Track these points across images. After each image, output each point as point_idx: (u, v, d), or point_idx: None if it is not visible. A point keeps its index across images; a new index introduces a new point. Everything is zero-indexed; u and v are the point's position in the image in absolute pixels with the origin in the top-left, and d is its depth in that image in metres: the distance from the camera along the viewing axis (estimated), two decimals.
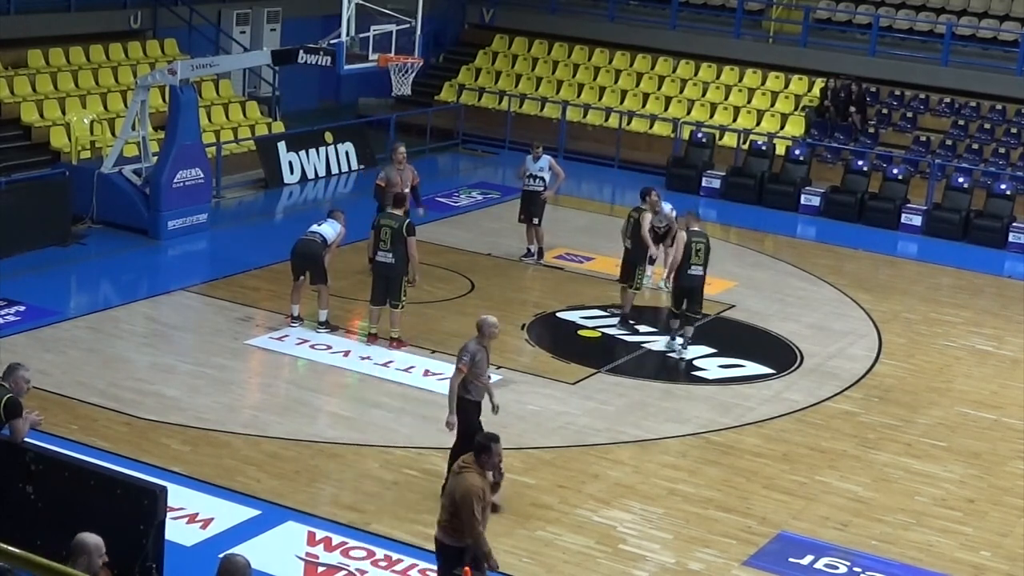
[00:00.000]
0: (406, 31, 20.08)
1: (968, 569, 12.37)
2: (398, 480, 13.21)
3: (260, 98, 27.46)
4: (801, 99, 28.55)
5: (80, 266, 19.36)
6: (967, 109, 27.68)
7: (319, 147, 25.41)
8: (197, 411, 14.47)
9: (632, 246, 18.29)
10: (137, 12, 26.00)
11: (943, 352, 18.20)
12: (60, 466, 10.78)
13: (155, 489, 10.47)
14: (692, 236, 17.09)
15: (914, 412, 15.98)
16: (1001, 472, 14.51)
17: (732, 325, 18.68)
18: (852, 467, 14.31)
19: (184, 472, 12.95)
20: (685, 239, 17.08)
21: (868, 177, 25.34)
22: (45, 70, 24.20)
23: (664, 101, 29.20)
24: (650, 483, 13.56)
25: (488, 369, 12.84)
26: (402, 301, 16.48)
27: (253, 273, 19.24)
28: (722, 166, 26.39)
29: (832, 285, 20.76)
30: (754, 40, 30.02)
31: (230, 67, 25.46)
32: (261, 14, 28.63)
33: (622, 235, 18.61)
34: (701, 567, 12.01)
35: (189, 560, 11.22)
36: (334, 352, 16.47)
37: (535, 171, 20.43)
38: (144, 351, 16.20)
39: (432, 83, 30.10)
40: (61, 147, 22.60)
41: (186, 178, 20.66)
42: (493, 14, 31.83)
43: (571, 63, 30.61)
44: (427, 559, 11.68)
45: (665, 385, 16.37)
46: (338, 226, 17.02)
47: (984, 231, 23.96)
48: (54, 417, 13.88)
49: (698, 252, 17.04)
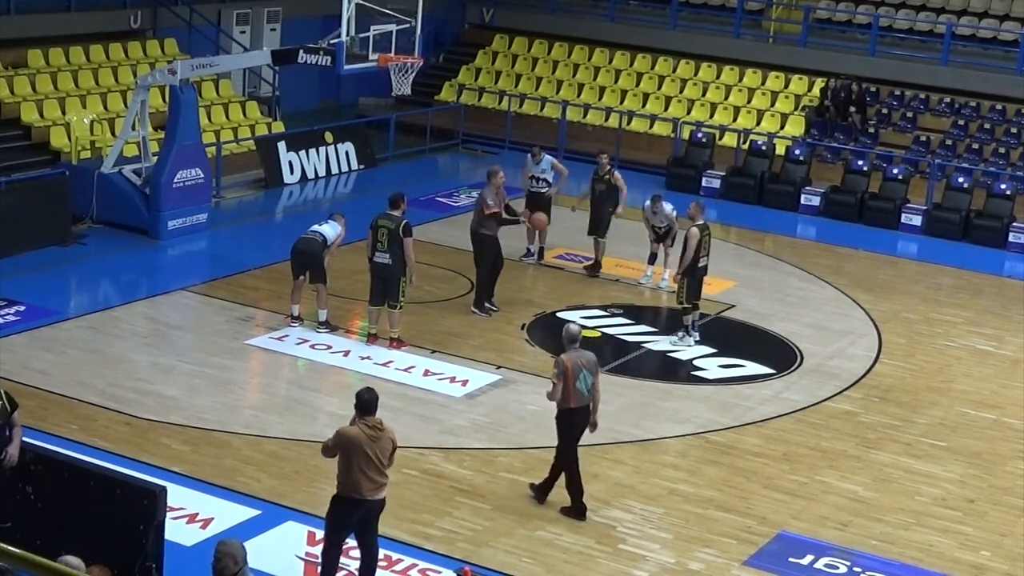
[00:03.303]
0: (406, 31, 20.08)
1: (968, 569, 12.37)
2: (398, 480, 13.18)
3: (260, 98, 27.46)
4: (801, 99, 28.55)
5: (80, 266, 19.35)
6: (967, 109, 27.68)
7: (319, 147, 25.41)
8: (197, 411, 14.47)
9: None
10: (137, 12, 26.00)
11: (943, 352, 18.20)
12: (60, 466, 10.79)
13: (155, 489, 10.48)
14: (703, 230, 17.35)
15: (914, 412, 15.98)
16: (1001, 472, 14.51)
17: (732, 325, 18.68)
18: (852, 467, 14.30)
19: (184, 472, 12.95)
20: (698, 235, 17.17)
21: (868, 177, 25.34)
22: (45, 70, 24.19)
23: (664, 101, 29.20)
24: (650, 483, 13.56)
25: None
26: (401, 302, 16.48)
27: (253, 273, 19.24)
28: (722, 166, 26.39)
29: (832, 285, 20.76)
30: (754, 40, 30.02)
31: (230, 67, 25.45)
32: (261, 14, 28.63)
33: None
34: (701, 567, 12.01)
35: (189, 560, 11.21)
36: (334, 352, 16.48)
37: (537, 173, 20.40)
38: (144, 351, 16.19)
39: (432, 83, 30.10)
40: (61, 147, 22.59)
41: (186, 178, 20.65)
42: (493, 14, 31.83)
43: (571, 63, 30.61)
44: (427, 559, 11.70)
45: (665, 385, 16.37)
46: (338, 227, 17.04)
47: (984, 231, 23.96)
48: (54, 417, 13.90)
49: (705, 244, 17.42)
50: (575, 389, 12.28)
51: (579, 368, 12.29)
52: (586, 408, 12.44)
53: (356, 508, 10.51)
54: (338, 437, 10.45)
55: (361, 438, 10.36)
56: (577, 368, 12.28)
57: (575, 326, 12.78)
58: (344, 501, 10.52)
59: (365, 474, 10.36)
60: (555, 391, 12.30)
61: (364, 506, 10.50)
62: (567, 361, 12.28)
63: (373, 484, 10.43)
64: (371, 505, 10.53)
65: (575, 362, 12.30)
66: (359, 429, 10.42)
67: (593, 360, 12.47)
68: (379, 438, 10.43)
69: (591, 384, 12.38)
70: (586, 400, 12.40)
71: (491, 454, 13.92)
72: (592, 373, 12.37)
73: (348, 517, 10.60)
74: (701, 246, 17.23)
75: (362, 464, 10.34)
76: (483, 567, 11.60)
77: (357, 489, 10.41)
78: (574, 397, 12.32)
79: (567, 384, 12.23)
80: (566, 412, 12.41)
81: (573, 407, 12.37)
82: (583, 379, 12.31)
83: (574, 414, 12.40)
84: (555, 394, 12.31)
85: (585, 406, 12.42)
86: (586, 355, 12.47)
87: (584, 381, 12.32)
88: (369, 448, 10.34)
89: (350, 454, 10.36)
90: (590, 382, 12.36)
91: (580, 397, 12.34)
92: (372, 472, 10.38)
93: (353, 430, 10.44)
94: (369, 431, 10.41)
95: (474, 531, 12.31)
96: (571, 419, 12.43)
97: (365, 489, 10.41)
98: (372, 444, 10.37)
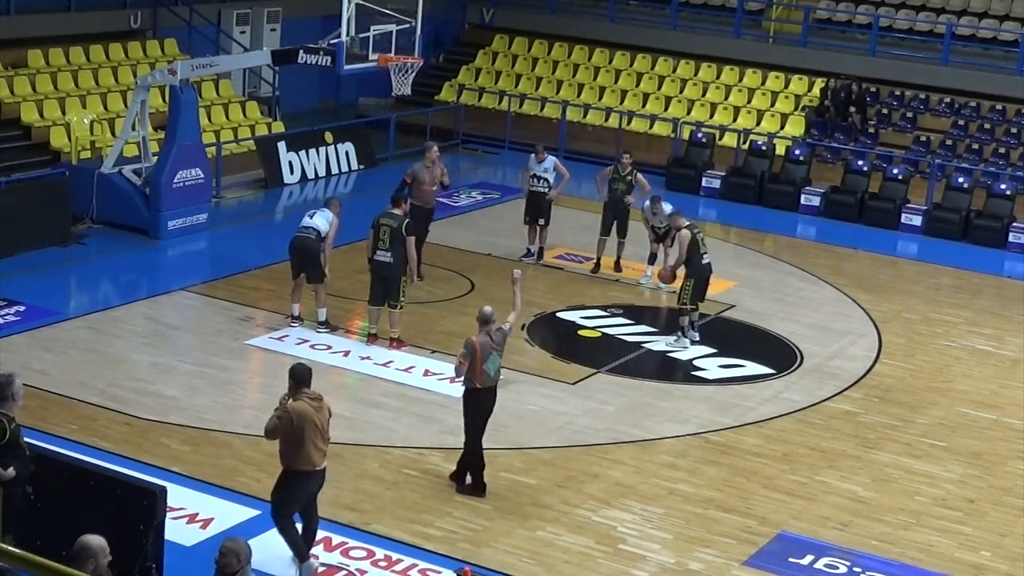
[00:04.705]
0: (406, 31, 20.07)
1: (968, 569, 12.38)
2: (398, 480, 13.21)
3: (260, 98, 27.46)
4: (801, 99, 28.55)
5: (80, 266, 19.35)
6: (967, 109, 27.68)
7: (319, 147, 25.42)
8: (197, 411, 14.47)
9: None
10: (137, 12, 26.00)
11: (943, 352, 18.20)
12: (60, 466, 10.79)
13: (155, 489, 10.48)
14: (692, 229, 17.44)
15: (914, 412, 15.98)
16: (1001, 472, 14.51)
17: (732, 325, 18.68)
18: (852, 467, 14.31)
19: (184, 472, 12.96)
20: (689, 236, 17.23)
21: (868, 177, 25.34)
22: (45, 70, 24.19)
23: (664, 101, 29.20)
24: (650, 483, 13.56)
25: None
26: (401, 301, 16.48)
27: (253, 273, 19.24)
28: (722, 166, 26.39)
29: (832, 285, 20.76)
30: (754, 40, 30.02)
31: (230, 67, 25.45)
32: (261, 14, 28.63)
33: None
34: (701, 567, 12.01)
35: (189, 560, 11.21)
36: (334, 352, 16.48)
37: (539, 172, 20.37)
38: (144, 351, 16.19)
39: (432, 83, 30.10)
40: (61, 147, 22.59)
41: (186, 178, 20.65)
42: (493, 14, 31.83)
43: (571, 63, 30.61)
44: (427, 559, 11.71)
45: (665, 385, 16.37)
46: (330, 215, 16.78)
47: (984, 231, 23.96)
48: (54, 417, 13.90)
49: (704, 241, 17.57)
50: (482, 371, 12.68)
51: (489, 350, 12.69)
52: (492, 390, 12.86)
53: (310, 480, 10.95)
54: (290, 414, 10.78)
55: (309, 411, 10.79)
56: (487, 350, 12.68)
57: (489, 307, 13.10)
58: (300, 475, 10.93)
59: (315, 445, 10.81)
60: (459, 369, 12.74)
61: (316, 476, 10.96)
62: (476, 342, 12.67)
63: (321, 454, 10.89)
64: (321, 474, 11.02)
65: (484, 344, 12.68)
66: (305, 403, 10.81)
67: (503, 342, 12.87)
68: (320, 408, 10.89)
69: (498, 367, 12.81)
70: (492, 382, 12.80)
71: (491, 454, 13.90)
72: (500, 355, 12.83)
73: (306, 490, 11.02)
74: (698, 245, 17.28)
75: (312, 435, 10.78)
76: (483, 567, 11.61)
77: (310, 461, 10.84)
78: (480, 378, 12.71)
79: (474, 364, 12.65)
80: (472, 392, 12.83)
81: (479, 387, 12.78)
82: (492, 361, 12.71)
83: (479, 394, 12.82)
84: (460, 372, 12.75)
85: (491, 387, 12.83)
86: (498, 337, 12.82)
87: (492, 363, 12.72)
88: (316, 419, 10.81)
89: (303, 428, 10.74)
90: (498, 364, 12.78)
91: (486, 378, 12.74)
92: (319, 442, 10.85)
93: (302, 404, 10.82)
94: (313, 402, 10.85)
95: (474, 531, 12.32)
96: (476, 398, 12.84)
97: (317, 459, 10.86)
98: (317, 415, 10.83)
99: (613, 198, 20.15)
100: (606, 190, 20.20)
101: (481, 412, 12.90)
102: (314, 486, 11.05)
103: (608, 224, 20.19)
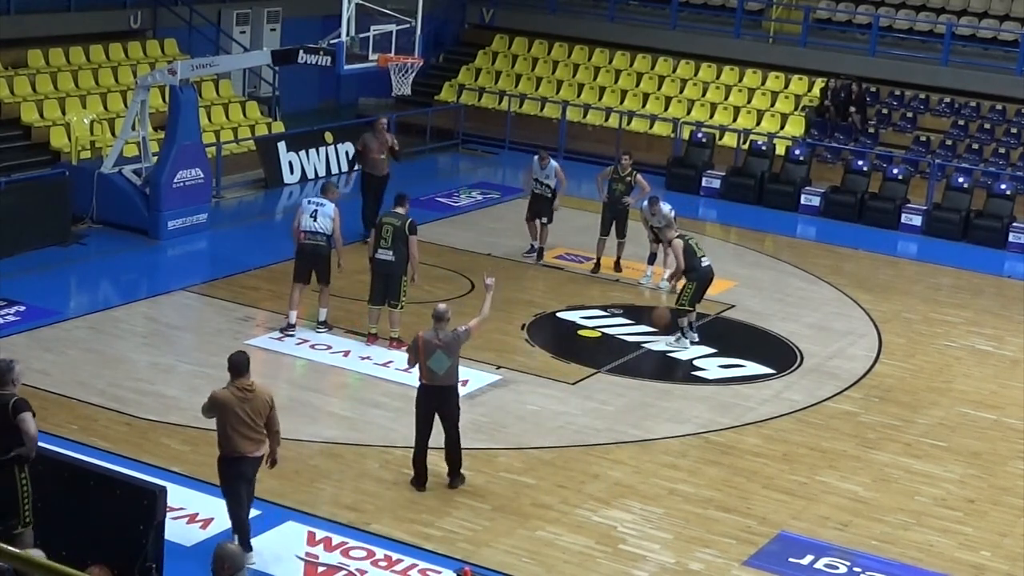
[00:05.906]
0: (406, 31, 20.07)
1: (968, 569, 12.38)
2: (398, 480, 13.21)
3: (260, 98, 27.45)
4: (801, 99, 28.55)
5: (80, 266, 19.35)
6: (967, 109, 27.68)
7: (319, 147, 25.41)
8: (197, 411, 14.39)
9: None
10: (137, 12, 25.99)
11: (943, 352, 18.20)
12: (60, 466, 10.79)
13: (155, 489, 10.50)
14: (683, 237, 17.61)
15: (914, 412, 15.98)
16: (1001, 472, 14.51)
17: (732, 325, 18.67)
18: (852, 467, 14.31)
19: (184, 472, 12.96)
20: (682, 244, 17.36)
21: (868, 177, 25.33)
22: (45, 70, 24.19)
23: (664, 101, 29.20)
24: (650, 483, 13.56)
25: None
26: (401, 301, 16.47)
27: (253, 273, 19.24)
28: (722, 166, 26.38)
29: (832, 285, 20.76)
30: (754, 40, 30.01)
31: (230, 67, 25.44)
32: (261, 14, 28.63)
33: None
34: (701, 567, 12.01)
35: (189, 560, 11.22)
36: (334, 352, 16.48)
37: (541, 177, 20.34)
38: (144, 351, 16.20)
39: (432, 83, 30.09)
40: (61, 147, 22.59)
41: (186, 178, 20.65)
42: (493, 14, 31.82)
43: (571, 63, 30.61)
44: (427, 559, 11.71)
45: (665, 385, 16.37)
46: (331, 209, 16.52)
47: (984, 231, 23.95)
48: (54, 417, 13.90)
49: (699, 245, 17.62)
50: (427, 367, 12.76)
51: (434, 348, 12.72)
52: (442, 389, 12.84)
53: (237, 464, 11.18)
54: (210, 400, 11.21)
55: (231, 400, 11.05)
56: (431, 347, 12.72)
57: (443, 305, 13.15)
58: (226, 460, 11.22)
59: (239, 432, 11.04)
60: (409, 361, 13.05)
61: (244, 462, 11.18)
62: (420, 339, 12.76)
63: (249, 441, 11.10)
64: (251, 461, 11.23)
65: (430, 341, 12.72)
66: (229, 392, 11.10)
67: (452, 342, 12.79)
68: (249, 399, 11.08)
69: (447, 367, 12.76)
70: (438, 380, 12.80)
71: (491, 454, 13.92)
72: (449, 355, 12.76)
73: (234, 474, 11.22)
74: (693, 251, 17.33)
75: (234, 424, 11.03)
76: (483, 567, 11.61)
77: (233, 447, 11.10)
78: (426, 374, 12.80)
79: (419, 360, 12.76)
80: (420, 387, 12.94)
81: (424, 383, 12.86)
82: (436, 359, 12.72)
83: (424, 390, 12.91)
84: (409, 364, 13.06)
85: (440, 387, 12.82)
86: (446, 336, 12.79)
87: (438, 361, 12.73)
88: (239, 408, 11.03)
89: (223, 415, 11.08)
90: (446, 364, 12.76)
91: (432, 375, 12.79)
92: (245, 430, 11.06)
93: (223, 393, 11.14)
94: (239, 393, 11.08)
95: (474, 531, 12.32)
96: (421, 394, 12.96)
97: (241, 446, 11.09)
98: (242, 404, 11.05)
99: (612, 198, 20.16)
100: (606, 190, 20.21)
101: (426, 409, 12.91)
102: (247, 471, 11.24)
103: (607, 224, 20.20)
